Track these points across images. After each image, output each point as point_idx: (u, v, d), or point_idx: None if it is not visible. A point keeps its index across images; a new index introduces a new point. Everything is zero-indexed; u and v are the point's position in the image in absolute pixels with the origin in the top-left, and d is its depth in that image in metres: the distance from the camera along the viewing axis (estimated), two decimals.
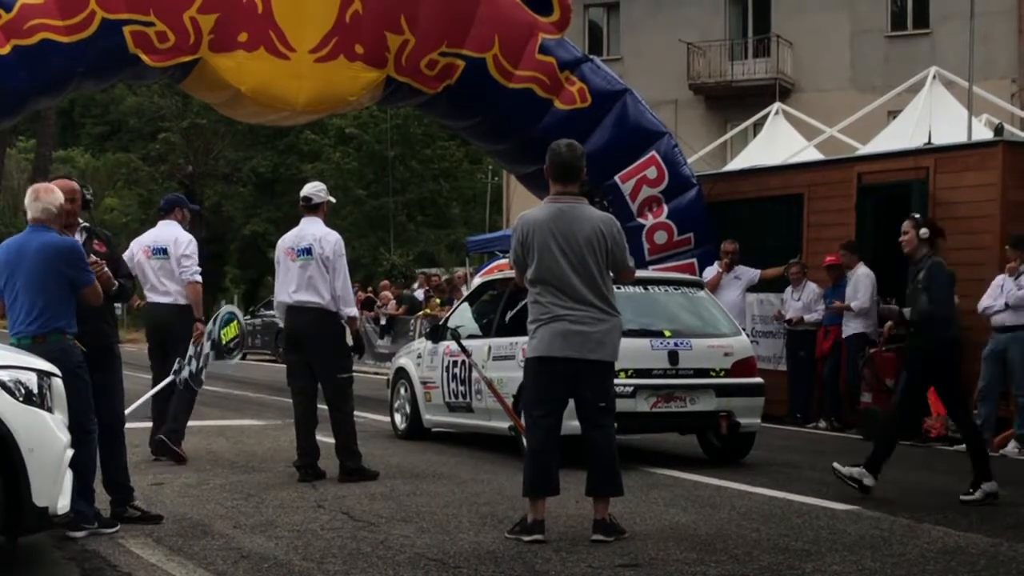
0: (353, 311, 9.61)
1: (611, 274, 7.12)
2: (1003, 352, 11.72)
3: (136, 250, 10.62)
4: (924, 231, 8.93)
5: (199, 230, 11.05)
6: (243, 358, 11.85)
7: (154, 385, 10.67)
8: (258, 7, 13.29)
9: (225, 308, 11.66)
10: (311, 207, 9.59)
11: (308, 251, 9.39)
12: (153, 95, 48.93)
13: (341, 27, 13.65)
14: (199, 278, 10.56)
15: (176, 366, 10.42)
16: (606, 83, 14.94)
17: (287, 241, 9.59)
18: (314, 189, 9.73)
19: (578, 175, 7.15)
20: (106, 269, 7.24)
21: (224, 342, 10.87)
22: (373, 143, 46.49)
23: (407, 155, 46.88)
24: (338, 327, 9.46)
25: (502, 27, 14.31)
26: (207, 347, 10.63)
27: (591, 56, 15.69)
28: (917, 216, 9.31)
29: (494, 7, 14.34)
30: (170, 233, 10.63)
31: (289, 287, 9.45)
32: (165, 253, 10.50)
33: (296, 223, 9.73)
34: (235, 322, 10.94)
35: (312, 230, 9.49)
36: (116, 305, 8.02)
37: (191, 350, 10.46)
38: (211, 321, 10.91)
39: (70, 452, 6.33)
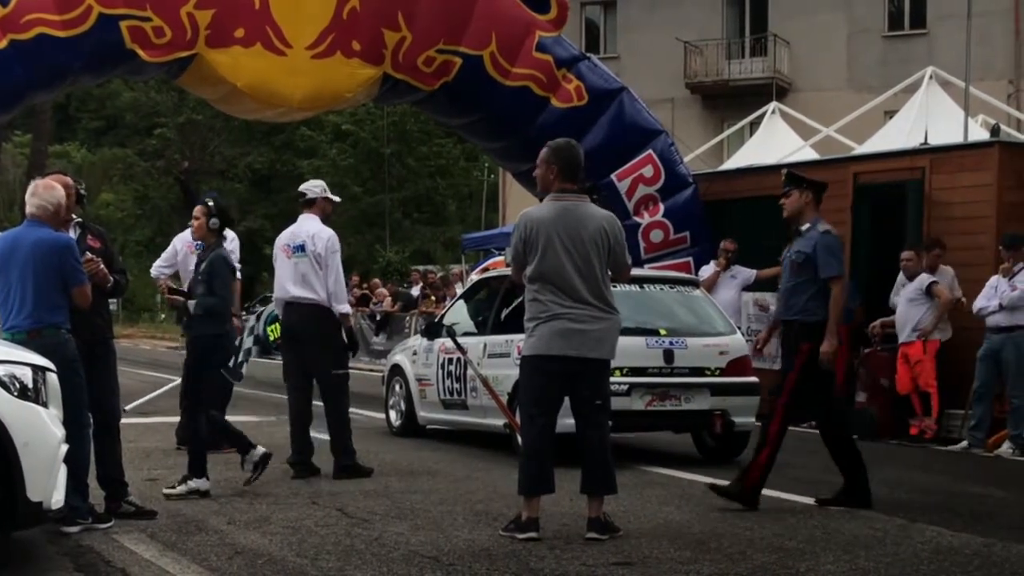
0: (345, 308, 9.61)
1: (609, 272, 7.12)
2: (998, 353, 11.70)
3: (180, 245, 11.10)
4: (214, 221, 8.59)
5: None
6: None
7: None
8: (255, 3, 13.26)
9: (273, 306, 11.79)
10: (306, 203, 9.66)
11: (302, 248, 9.43)
12: (149, 90, 48.86)
13: (338, 24, 13.63)
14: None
15: None
16: (603, 81, 14.92)
17: (283, 238, 9.67)
18: (310, 184, 9.82)
19: (580, 173, 7.17)
20: (101, 266, 7.23)
21: (272, 340, 11.02)
22: (369, 140, 46.43)
23: (403, 152, 46.82)
24: (333, 323, 9.45)
25: (499, 24, 14.29)
26: (248, 342, 10.76)
27: (588, 54, 15.67)
28: (210, 203, 8.74)
29: (491, 4, 14.31)
30: None
31: (285, 283, 9.52)
32: None
33: (292, 219, 9.79)
34: None
35: (307, 227, 9.53)
36: (111, 300, 8.01)
37: None
38: (255, 317, 11.09)
39: (64, 447, 6.32)
